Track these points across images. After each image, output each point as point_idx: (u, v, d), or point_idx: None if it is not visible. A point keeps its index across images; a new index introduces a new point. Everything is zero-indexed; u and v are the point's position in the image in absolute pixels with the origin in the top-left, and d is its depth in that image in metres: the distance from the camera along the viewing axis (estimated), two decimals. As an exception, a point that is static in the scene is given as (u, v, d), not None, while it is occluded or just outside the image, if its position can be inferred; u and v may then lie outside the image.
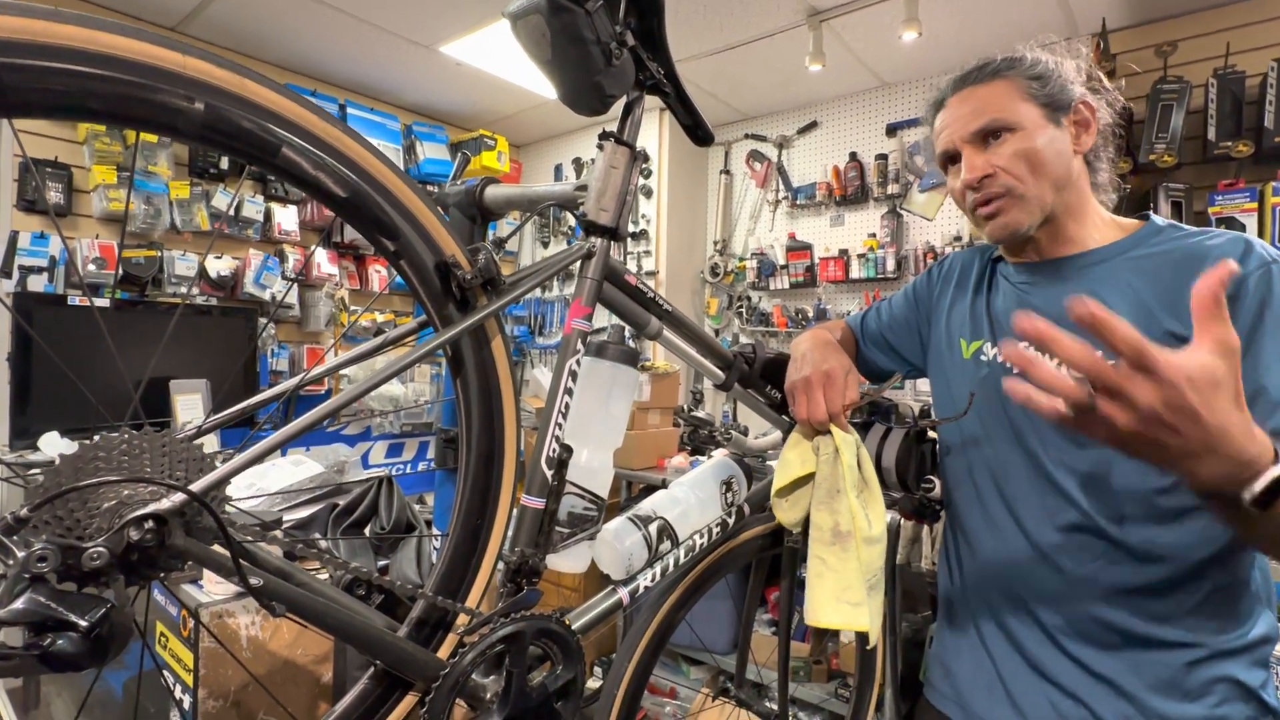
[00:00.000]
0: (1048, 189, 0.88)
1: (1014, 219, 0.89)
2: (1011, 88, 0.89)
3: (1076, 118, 0.89)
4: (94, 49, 0.46)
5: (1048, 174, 0.87)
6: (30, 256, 2.67)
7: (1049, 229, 0.92)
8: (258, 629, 1.08)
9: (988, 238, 0.94)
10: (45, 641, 0.42)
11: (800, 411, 0.96)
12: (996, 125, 0.88)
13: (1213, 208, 2.39)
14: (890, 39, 2.90)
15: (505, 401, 0.74)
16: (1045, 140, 0.87)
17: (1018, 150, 0.87)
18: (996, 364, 0.95)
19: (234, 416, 0.70)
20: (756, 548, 1.09)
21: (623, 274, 0.88)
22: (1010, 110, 0.88)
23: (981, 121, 0.89)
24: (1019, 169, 0.87)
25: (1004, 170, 0.88)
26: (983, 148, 0.89)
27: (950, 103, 0.93)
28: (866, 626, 0.87)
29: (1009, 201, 0.89)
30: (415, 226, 0.65)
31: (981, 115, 0.89)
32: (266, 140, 0.55)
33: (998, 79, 0.90)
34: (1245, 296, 0.77)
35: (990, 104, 0.89)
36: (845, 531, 0.89)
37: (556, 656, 0.75)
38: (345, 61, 3.35)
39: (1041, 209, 0.89)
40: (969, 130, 0.90)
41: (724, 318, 3.93)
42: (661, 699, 2.74)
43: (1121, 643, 0.83)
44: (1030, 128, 0.87)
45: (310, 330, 3.50)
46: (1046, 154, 0.87)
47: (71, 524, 0.46)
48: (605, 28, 0.75)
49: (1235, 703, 0.80)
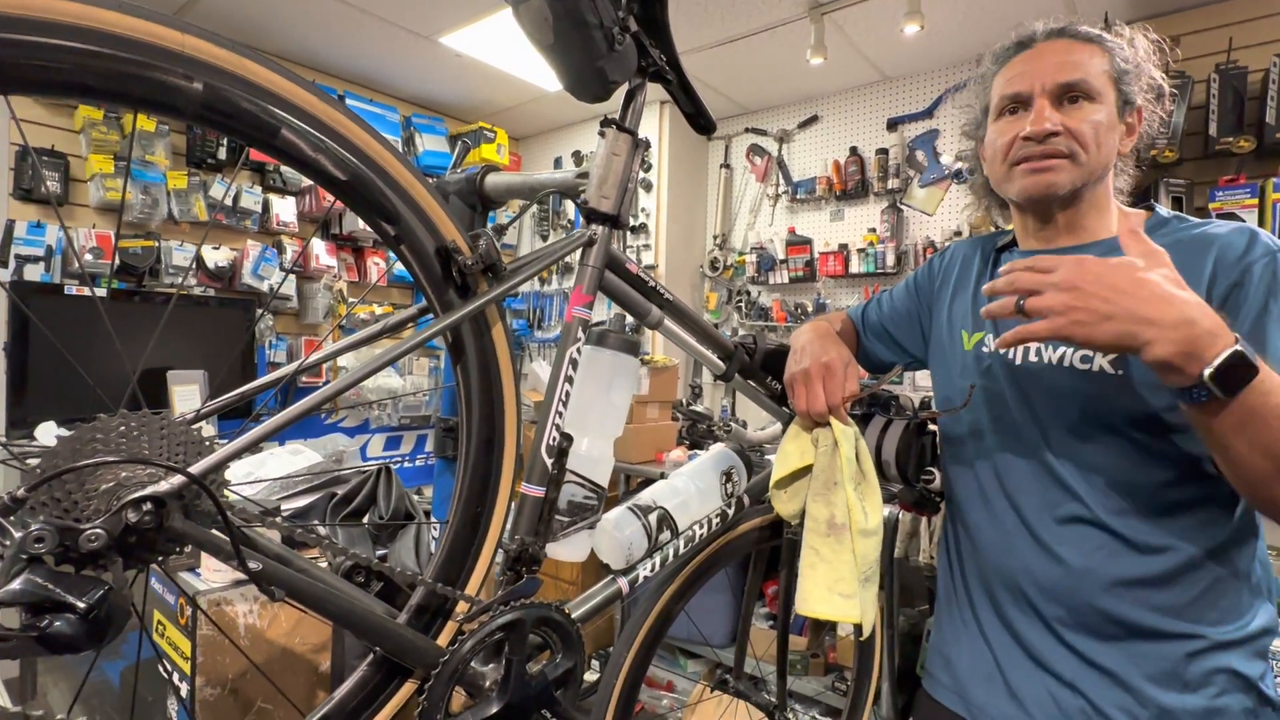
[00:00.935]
0: (1098, 168, 0.87)
1: (1059, 180, 0.87)
2: (1105, 62, 0.87)
3: (1130, 119, 0.90)
4: (92, 25, 0.46)
5: (1104, 154, 0.87)
6: (27, 245, 2.65)
7: (1070, 213, 0.91)
8: (256, 617, 1.08)
9: (1020, 193, 0.90)
10: (43, 623, 0.42)
11: (799, 403, 0.96)
12: (1086, 88, 0.86)
13: (1213, 203, 2.39)
14: (892, 32, 2.89)
15: (505, 388, 0.74)
16: (1112, 123, 0.87)
17: (1092, 120, 0.86)
18: (998, 356, 0.94)
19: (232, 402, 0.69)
20: (756, 539, 1.09)
21: (624, 262, 0.88)
22: (1100, 80, 0.87)
23: (1076, 76, 0.86)
24: (1086, 137, 0.85)
25: (1073, 133, 0.86)
26: (1058, 106, 0.87)
27: (1041, 46, 0.90)
28: (857, 618, 0.87)
29: (1063, 163, 0.86)
30: (416, 211, 0.65)
31: (1075, 71, 0.86)
32: (266, 121, 0.54)
33: (1097, 45, 0.88)
34: (1250, 284, 0.77)
35: (1085, 66, 0.87)
36: (840, 524, 0.88)
37: (556, 645, 0.75)
38: (344, 52, 3.34)
39: (1087, 179, 0.87)
40: (1056, 80, 0.87)
41: (723, 312, 3.92)
42: (659, 691, 2.75)
43: (1121, 634, 0.83)
44: (1108, 106, 0.87)
45: (308, 322, 3.48)
46: (1109, 136, 0.87)
47: (69, 505, 0.46)
48: (608, 12, 0.74)
49: (1234, 694, 0.80)
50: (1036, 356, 0.90)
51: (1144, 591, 0.82)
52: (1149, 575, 0.82)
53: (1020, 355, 0.92)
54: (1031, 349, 0.90)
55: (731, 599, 2.61)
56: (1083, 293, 0.68)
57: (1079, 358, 0.86)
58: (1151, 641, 0.82)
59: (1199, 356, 0.64)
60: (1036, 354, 0.90)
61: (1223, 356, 0.64)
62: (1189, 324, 0.65)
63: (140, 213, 2.87)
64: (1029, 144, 0.87)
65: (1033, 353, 0.90)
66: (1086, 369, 0.85)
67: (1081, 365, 0.85)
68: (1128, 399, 0.82)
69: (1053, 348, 0.88)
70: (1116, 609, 0.83)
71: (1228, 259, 0.79)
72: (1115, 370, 0.83)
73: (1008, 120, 0.91)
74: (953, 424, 1.01)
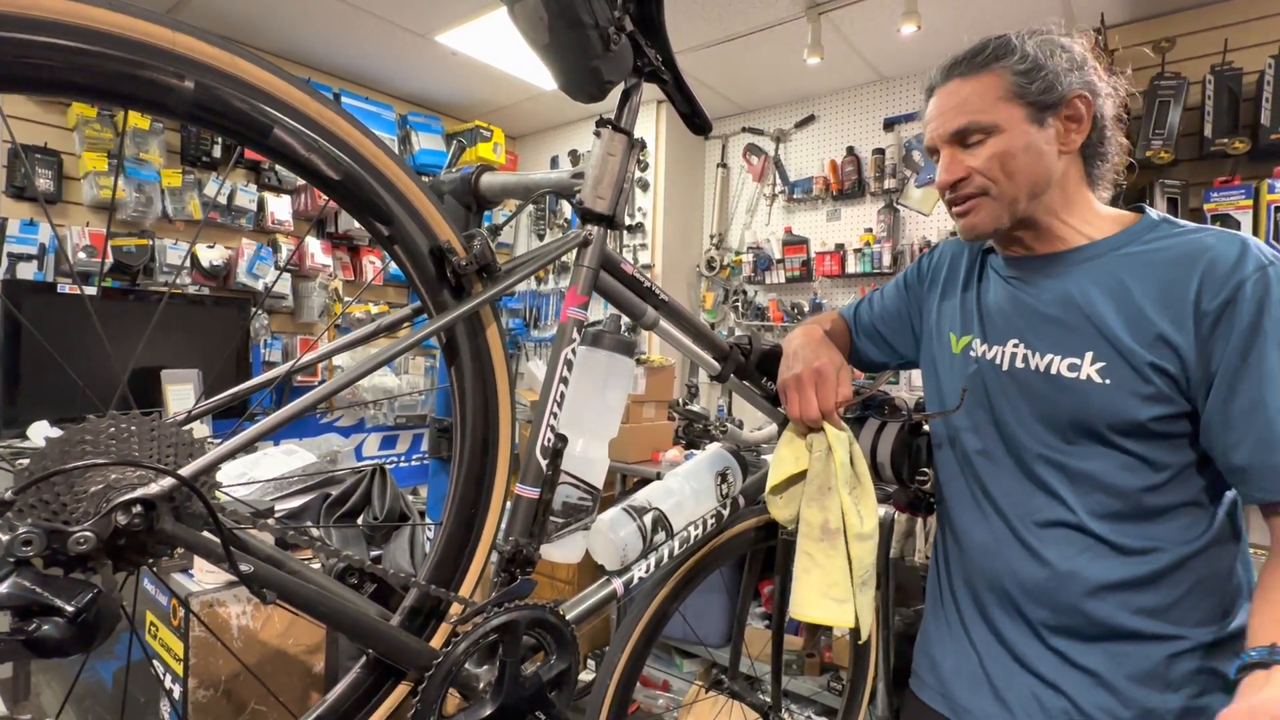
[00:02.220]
0: (1022, 194, 0.87)
1: (982, 220, 0.89)
2: (997, 84, 0.86)
3: (1069, 112, 0.86)
4: (81, 23, 0.45)
5: (1023, 179, 0.86)
6: (19, 244, 2.63)
7: (1031, 231, 0.91)
8: (249, 618, 1.07)
9: (960, 234, 0.94)
10: (31, 626, 0.41)
11: (793, 409, 0.96)
12: (975, 127, 0.86)
13: (1208, 204, 2.39)
14: (889, 32, 2.89)
15: (500, 389, 0.74)
16: (1024, 144, 0.85)
17: (994, 154, 0.86)
18: (985, 360, 0.94)
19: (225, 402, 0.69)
20: (751, 539, 1.09)
21: (619, 263, 0.87)
22: (991, 112, 0.86)
23: (960, 123, 0.87)
24: (994, 172, 0.86)
25: (979, 172, 0.87)
26: (961, 148, 0.88)
27: (938, 93, 0.92)
28: (851, 622, 0.87)
29: (980, 202, 0.88)
30: (409, 211, 0.64)
31: (961, 116, 0.87)
32: (258, 120, 0.54)
33: (985, 72, 0.87)
34: (1242, 301, 0.76)
35: (971, 104, 0.87)
36: (835, 529, 0.89)
37: (550, 646, 0.75)
38: (340, 50, 3.32)
39: (1012, 213, 0.88)
40: (948, 130, 0.88)
41: (720, 312, 3.92)
42: (655, 691, 2.75)
43: (1104, 635, 0.84)
44: (1010, 130, 0.85)
45: (304, 321, 3.47)
46: (1023, 159, 0.85)
47: (58, 508, 0.46)
48: (603, 12, 0.74)
49: (1215, 694, 0.81)
50: (1024, 363, 0.90)
51: (1126, 594, 0.83)
52: (1132, 578, 0.82)
53: (1008, 361, 0.91)
54: (1019, 355, 0.90)
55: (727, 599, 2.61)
56: None
57: (1066, 365, 0.85)
58: (1134, 643, 0.83)
59: None
60: (1024, 360, 0.90)
61: None
62: None
63: (134, 211, 2.86)
64: (948, 190, 0.91)
65: (1019, 359, 0.90)
66: (1074, 377, 0.84)
67: (1069, 374, 0.85)
68: (1115, 408, 0.82)
69: (1040, 355, 0.88)
70: (1099, 611, 0.83)
71: (1217, 273, 0.78)
72: (1103, 379, 0.82)
73: (939, 168, 0.94)
74: (941, 426, 1.01)
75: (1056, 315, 0.88)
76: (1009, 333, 0.92)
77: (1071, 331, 0.86)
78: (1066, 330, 0.86)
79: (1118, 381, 0.81)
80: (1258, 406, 0.74)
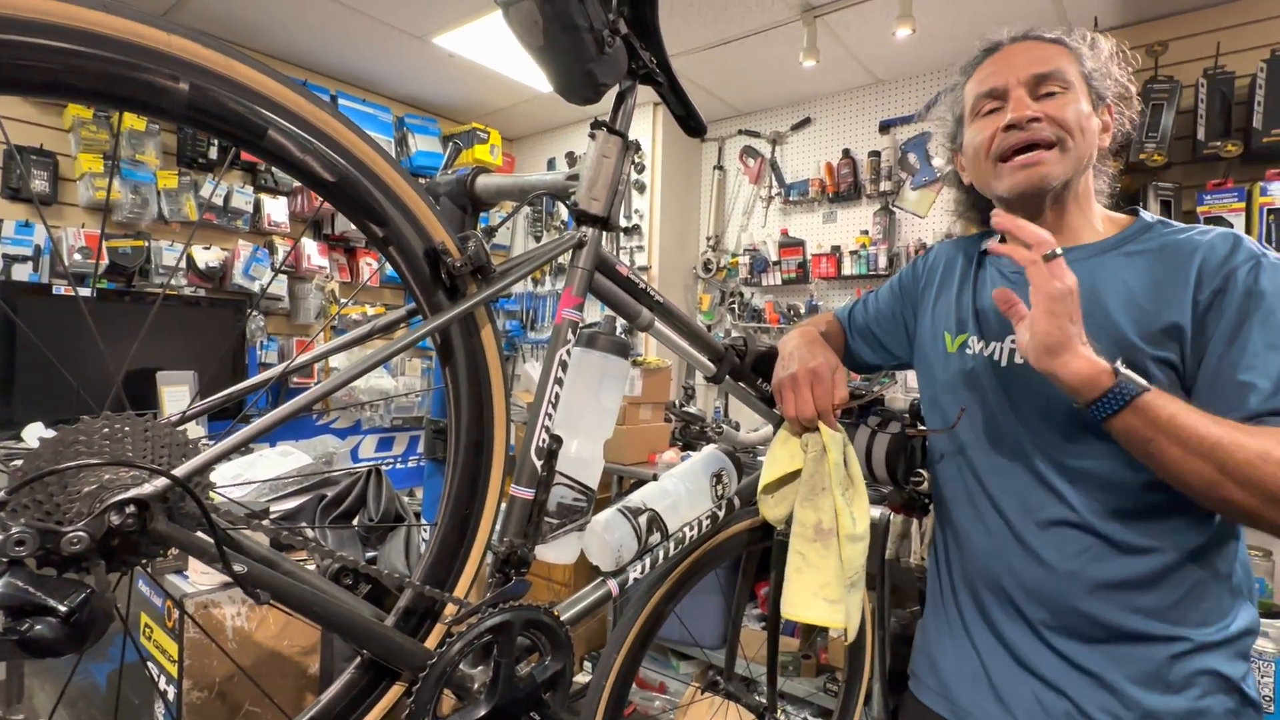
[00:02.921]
0: (1085, 156, 0.89)
1: (1051, 171, 0.87)
2: (1072, 58, 0.90)
3: (1103, 116, 0.91)
4: (77, 25, 0.45)
5: (1087, 143, 0.88)
6: (14, 245, 2.63)
7: (1057, 211, 0.91)
8: (244, 619, 1.07)
9: (1011, 189, 0.89)
10: (23, 626, 0.41)
11: (788, 409, 0.96)
12: (1061, 78, 0.88)
13: (1201, 207, 2.41)
14: (884, 35, 2.90)
15: (494, 391, 0.74)
16: (1088, 113, 0.88)
17: (1072, 107, 0.87)
18: (982, 358, 0.95)
19: (220, 402, 0.69)
20: (746, 541, 1.09)
21: (614, 265, 0.88)
22: (1073, 74, 0.89)
23: (1045, 68, 0.88)
24: (1071, 125, 0.86)
25: (1055, 120, 0.86)
26: (1034, 96, 0.89)
27: (1008, 49, 0.92)
28: (842, 624, 0.87)
29: (1052, 154, 0.87)
30: (404, 213, 0.65)
31: (1047, 63, 0.89)
32: (253, 122, 0.54)
33: (1061, 46, 0.91)
34: (1233, 288, 0.78)
35: (1054, 59, 0.89)
36: (828, 529, 0.89)
37: (545, 647, 0.75)
38: (337, 52, 3.32)
39: (1076, 170, 0.88)
40: (1029, 72, 0.89)
41: (716, 314, 3.93)
42: (651, 693, 2.75)
43: (1105, 636, 0.84)
44: (1082, 97, 0.89)
45: (300, 323, 3.47)
46: (1090, 127, 0.88)
47: (51, 508, 0.46)
48: (598, 15, 0.74)
49: (1217, 695, 0.81)
50: (1022, 359, 0.90)
51: (1127, 594, 0.83)
52: (1132, 577, 0.83)
53: (1006, 358, 0.92)
54: (1017, 350, 0.91)
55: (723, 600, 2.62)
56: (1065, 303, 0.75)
57: None
58: (1135, 644, 0.83)
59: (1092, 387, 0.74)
60: (1022, 357, 0.90)
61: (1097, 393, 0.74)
62: (1085, 359, 0.75)
63: (130, 212, 2.85)
64: (1012, 133, 0.88)
65: (1017, 355, 0.91)
66: None
67: None
68: None
69: None
70: (1100, 611, 0.84)
71: (1211, 264, 0.80)
72: None
73: (985, 119, 0.92)
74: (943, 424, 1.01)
75: None
76: (1006, 329, 0.92)
77: None
78: None
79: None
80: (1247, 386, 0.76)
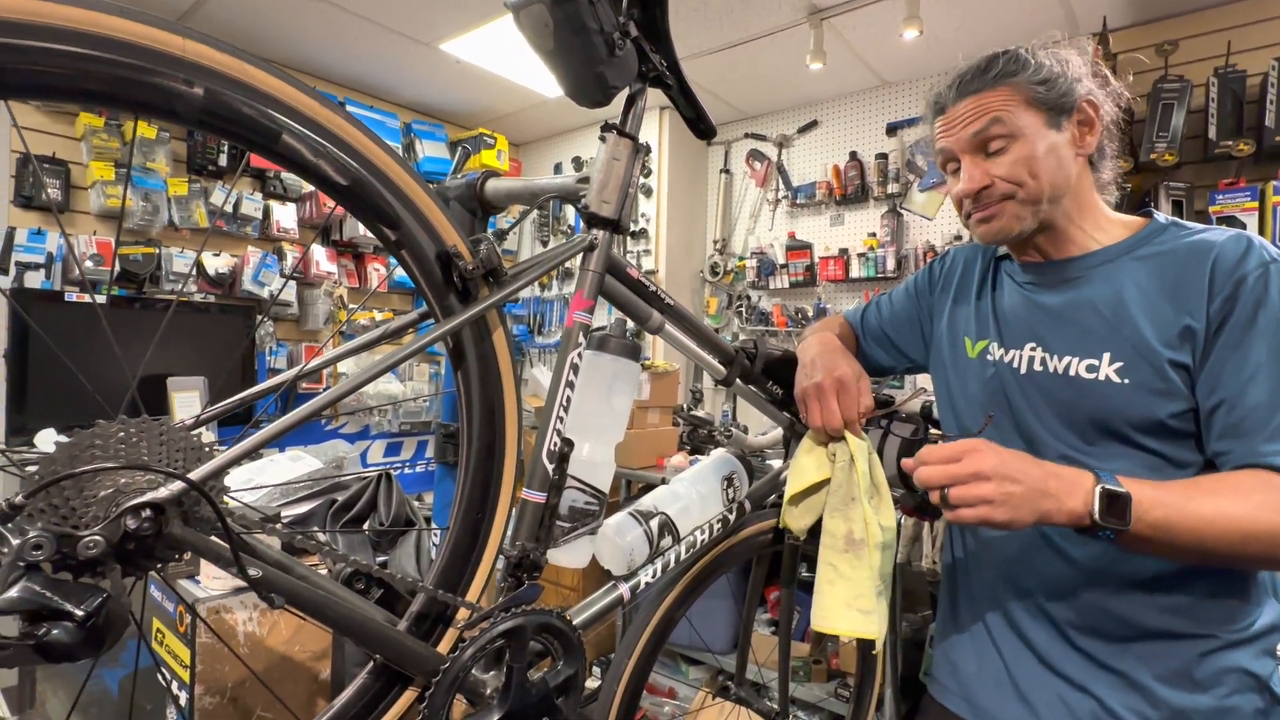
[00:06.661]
0: (1046, 195, 0.87)
1: (1006, 224, 0.88)
2: (1014, 93, 0.87)
3: (1080, 118, 0.88)
4: (93, 30, 0.46)
5: (1047, 180, 0.86)
6: (27, 253, 2.65)
7: (1048, 235, 0.91)
8: (255, 625, 1.07)
9: (979, 239, 0.94)
10: (40, 631, 0.41)
11: (814, 419, 0.95)
12: (1001, 128, 0.86)
13: (1213, 207, 2.39)
14: (891, 37, 2.90)
15: (506, 394, 0.74)
16: (1046, 148, 0.86)
17: (1019, 158, 0.86)
18: (1003, 364, 0.94)
19: (232, 407, 0.69)
20: (758, 544, 1.09)
21: (624, 267, 0.87)
22: (1011, 119, 0.86)
23: (985, 125, 0.87)
24: (1020, 175, 0.86)
25: (1003, 179, 0.87)
26: (982, 156, 0.88)
27: (950, 110, 0.91)
28: (875, 634, 0.86)
29: (1005, 205, 0.88)
30: (416, 216, 0.65)
31: (985, 117, 0.87)
32: (267, 126, 0.54)
33: (1000, 84, 0.87)
34: (1242, 295, 0.78)
35: (993, 107, 0.87)
36: (859, 539, 0.88)
37: (557, 652, 0.75)
38: (345, 58, 3.35)
39: (1035, 216, 0.88)
40: (971, 135, 0.88)
41: (724, 317, 3.92)
42: (661, 698, 2.73)
43: (1132, 635, 0.83)
44: (1031, 135, 0.86)
45: (309, 328, 3.48)
46: (1046, 163, 0.86)
47: (67, 512, 0.46)
48: (608, 17, 0.74)
49: (1245, 693, 0.80)
50: (1042, 365, 0.90)
51: (1153, 593, 0.82)
52: (1159, 574, 0.82)
53: (1026, 364, 0.92)
54: (1037, 358, 0.90)
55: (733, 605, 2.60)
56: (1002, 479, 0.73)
57: (1085, 366, 0.86)
58: (1162, 642, 0.82)
59: (1085, 511, 0.73)
60: (1042, 363, 0.90)
61: (1096, 503, 0.72)
62: (1068, 489, 0.74)
63: (141, 219, 2.88)
64: (969, 200, 0.90)
65: (1037, 361, 0.90)
66: (1093, 378, 0.85)
67: (1088, 375, 0.85)
68: (1135, 407, 0.82)
69: (1058, 357, 0.88)
70: (1128, 610, 0.83)
71: (1223, 268, 0.79)
72: (1121, 379, 0.83)
73: (951, 177, 0.94)
74: (962, 431, 1.01)
75: (1073, 317, 0.88)
76: (1026, 336, 0.92)
77: (1088, 333, 0.86)
78: (1083, 332, 0.87)
79: (1136, 380, 0.82)
80: (1238, 398, 0.76)
